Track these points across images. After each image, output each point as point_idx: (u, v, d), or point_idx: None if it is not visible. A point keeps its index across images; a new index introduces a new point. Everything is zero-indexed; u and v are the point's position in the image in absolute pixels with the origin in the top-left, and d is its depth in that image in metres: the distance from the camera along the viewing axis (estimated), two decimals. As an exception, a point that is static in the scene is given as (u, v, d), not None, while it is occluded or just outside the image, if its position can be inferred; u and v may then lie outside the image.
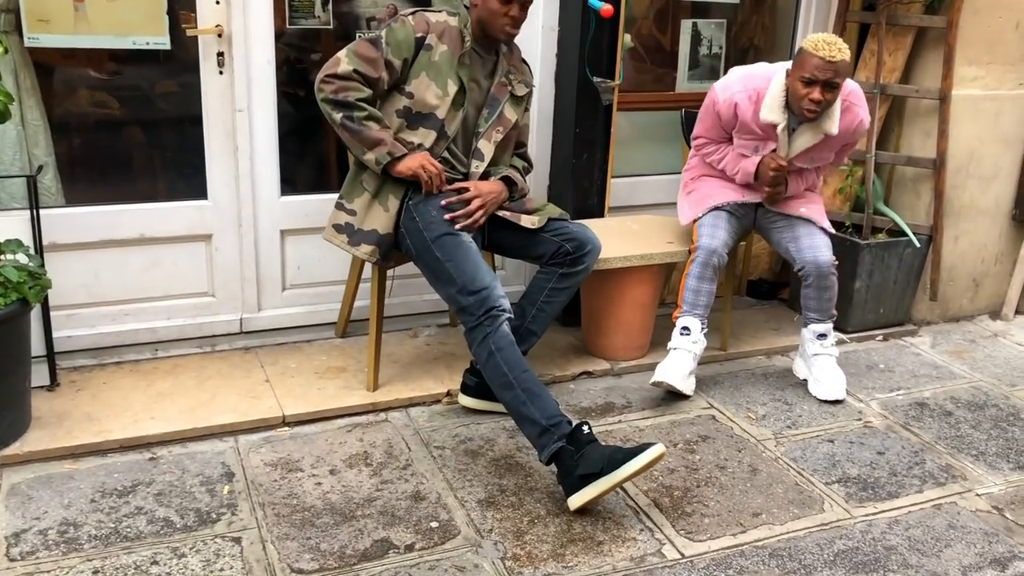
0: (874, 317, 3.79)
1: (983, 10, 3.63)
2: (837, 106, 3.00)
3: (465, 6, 2.85)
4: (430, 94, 2.76)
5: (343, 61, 2.70)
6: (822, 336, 3.25)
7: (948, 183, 3.75)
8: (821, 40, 2.85)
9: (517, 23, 2.77)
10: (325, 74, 2.71)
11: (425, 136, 2.79)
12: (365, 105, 2.71)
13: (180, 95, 3.14)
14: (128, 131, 3.34)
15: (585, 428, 2.47)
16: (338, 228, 2.86)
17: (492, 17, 2.74)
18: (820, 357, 3.25)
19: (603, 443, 2.50)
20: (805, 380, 3.30)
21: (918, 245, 3.72)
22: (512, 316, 2.66)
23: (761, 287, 4.10)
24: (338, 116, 2.70)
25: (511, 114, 2.92)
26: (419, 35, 2.74)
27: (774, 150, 3.10)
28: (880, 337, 3.80)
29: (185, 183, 3.22)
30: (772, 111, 3.01)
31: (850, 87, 3.06)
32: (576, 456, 2.42)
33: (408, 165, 2.74)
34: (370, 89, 2.73)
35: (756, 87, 3.03)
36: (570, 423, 2.49)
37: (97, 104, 3.22)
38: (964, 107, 3.71)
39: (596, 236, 2.96)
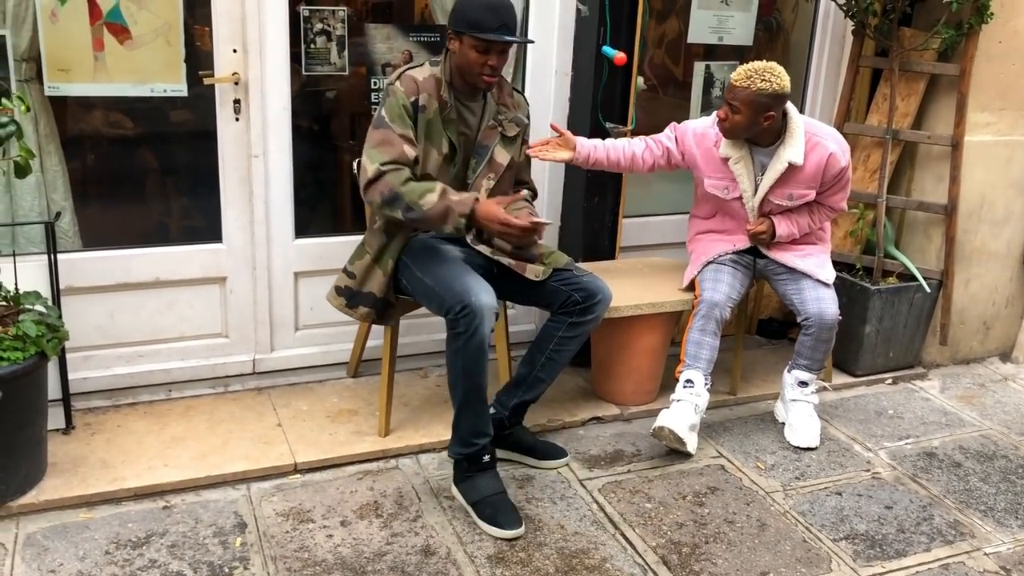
0: (883, 361, 3.79)
1: (996, 57, 3.64)
2: (800, 137, 3.04)
3: (445, 50, 2.80)
4: (431, 157, 2.76)
5: (368, 166, 2.68)
6: (803, 383, 3.27)
7: (960, 227, 3.76)
8: (745, 67, 2.95)
9: (495, 71, 2.72)
10: (363, 186, 2.70)
11: None
12: (409, 186, 2.65)
13: (197, 141, 3.17)
14: (144, 176, 3.39)
15: (486, 457, 2.71)
16: (338, 290, 2.93)
17: (470, 67, 2.70)
18: (798, 403, 3.28)
19: (499, 475, 2.75)
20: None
21: (928, 290, 3.72)
22: (495, 321, 2.65)
23: (771, 326, 4.11)
24: (398, 214, 2.67)
25: (502, 157, 2.88)
26: (412, 99, 2.70)
27: (738, 198, 3.16)
28: (889, 381, 3.81)
29: (200, 227, 3.25)
30: (727, 146, 3.10)
31: (815, 127, 3.11)
32: (466, 472, 2.73)
33: (487, 227, 2.71)
34: (407, 167, 2.69)
35: (704, 129, 3.16)
36: (483, 448, 2.71)
37: (114, 149, 3.26)
38: (976, 153, 3.72)
39: (606, 285, 2.96)
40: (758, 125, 2.97)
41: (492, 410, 2.98)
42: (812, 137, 3.06)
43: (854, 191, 3.78)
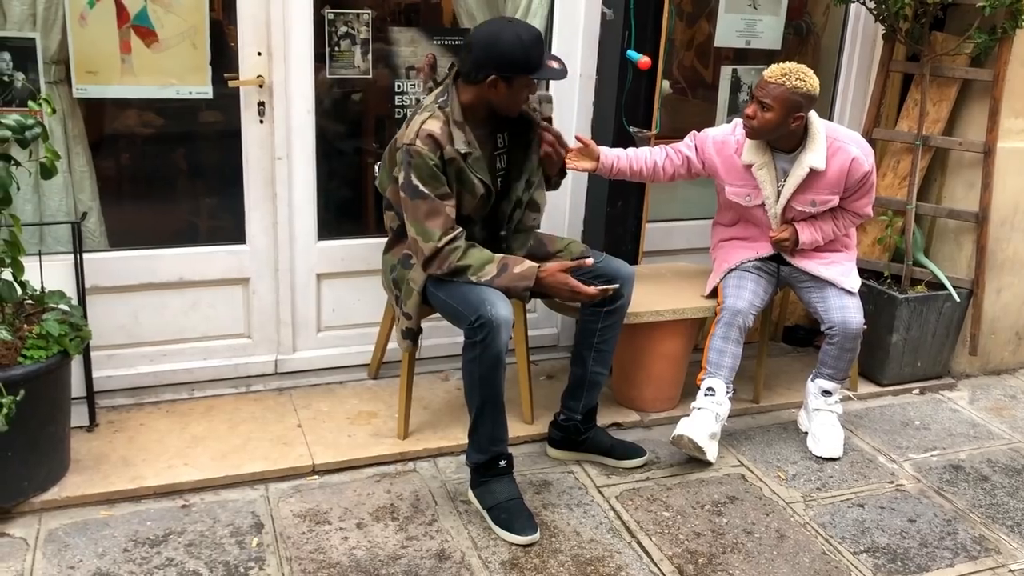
0: (911, 370, 3.73)
1: (1031, 63, 3.57)
2: (822, 142, 3.00)
3: (446, 86, 2.71)
4: (466, 203, 2.73)
5: (423, 244, 2.64)
6: (827, 393, 3.23)
7: (991, 236, 3.68)
8: (779, 65, 2.92)
9: (528, 98, 2.73)
10: (421, 263, 2.70)
11: (477, 236, 2.80)
12: (470, 260, 2.65)
13: (221, 143, 3.21)
14: (170, 177, 3.42)
15: (502, 463, 2.71)
16: (404, 334, 2.86)
17: (516, 103, 2.67)
18: (821, 413, 3.24)
19: (515, 481, 2.75)
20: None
21: (958, 299, 3.66)
22: (511, 331, 2.64)
23: (797, 333, 4.06)
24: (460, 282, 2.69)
25: (533, 158, 2.86)
26: (438, 154, 2.61)
27: (760, 205, 3.13)
28: (917, 391, 3.75)
29: (224, 228, 3.28)
30: (749, 152, 3.06)
31: (837, 131, 3.06)
32: (482, 477, 2.74)
33: (554, 294, 2.75)
34: (459, 236, 2.67)
35: (724, 137, 3.12)
36: (499, 454, 2.72)
37: (141, 150, 3.30)
38: (1009, 160, 3.64)
39: (623, 263, 2.97)
40: (786, 126, 2.93)
41: (563, 417, 3.02)
42: (834, 142, 3.02)
43: (883, 198, 3.73)
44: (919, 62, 3.64)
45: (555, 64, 2.65)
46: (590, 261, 2.80)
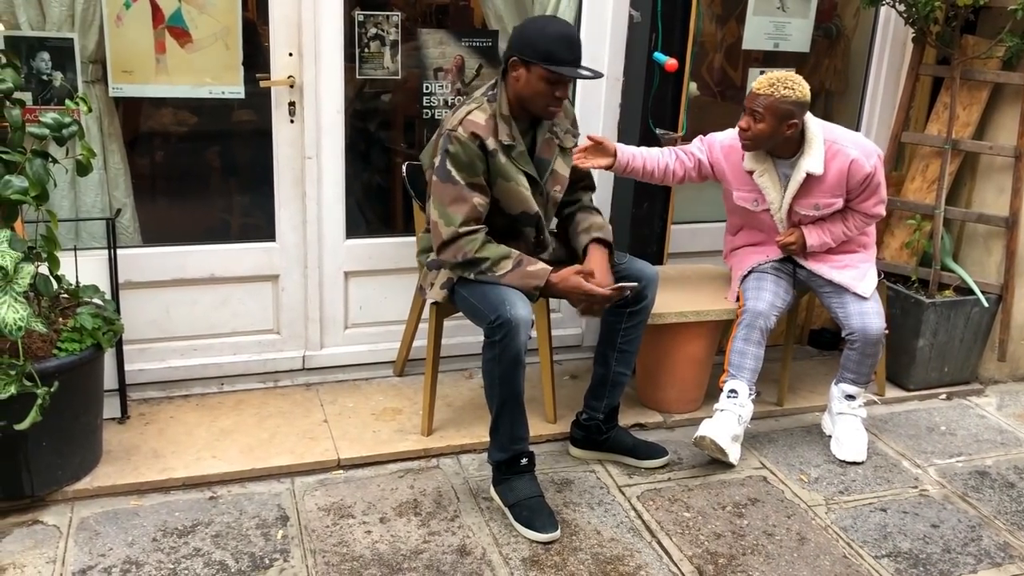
0: (938, 375, 3.71)
1: (1064, 66, 3.54)
2: (819, 146, 2.99)
3: (496, 81, 2.75)
4: (513, 195, 2.74)
5: (443, 228, 2.67)
6: (850, 397, 3.22)
7: (1021, 241, 3.65)
8: (766, 75, 2.94)
9: (561, 102, 2.70)
10: (437, 247, 2.72)
11: (528, 235, 2.82)
12: (486, 253, 2.67)
13: (252, 142, 3.26)
14: (202, 175, 3.49)
15: (523, 461, 2.73)
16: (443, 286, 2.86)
17: (537, 97, 2.65)
18: (845, 417, 3.23)
19: (537, 479, 2.78)
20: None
21: (986, 304, 3.63)
22: (531, 331, 2.66)
23: (823, 337, 4.04)
24: (469, 274, 2.71)
25: (563, 168, 2.88)
26: (478, 143, 2.64)
27: (767, 210, 3.14)
28: (944, 396, 3.72)
29: (255, 225, 3.34)
30: (750, 160, 3.07)
31: (836, 133, 3.05)
32: (504, 474, 2.76)
33: (567, 297, 2.76)
34: (482, 224, 2.70)
35: (731, 142, 3.13)
36: (521, 452, 2.75)
37: (174, 149, 3.36)
38: (1040, 164, 3.61)
39: (646, 263, 2.98)
40: (780, 134, 2.94)
41: (585, 416, 3.04)
42: (832, 145, 3.01)
43: (911, 202, 3.72)
44: (949, 65, 3.61)
45: (583, 70, 2.63)
46: (632, 285, 2.78)
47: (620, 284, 2.76)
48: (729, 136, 3.17)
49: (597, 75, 2.67)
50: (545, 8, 3.44)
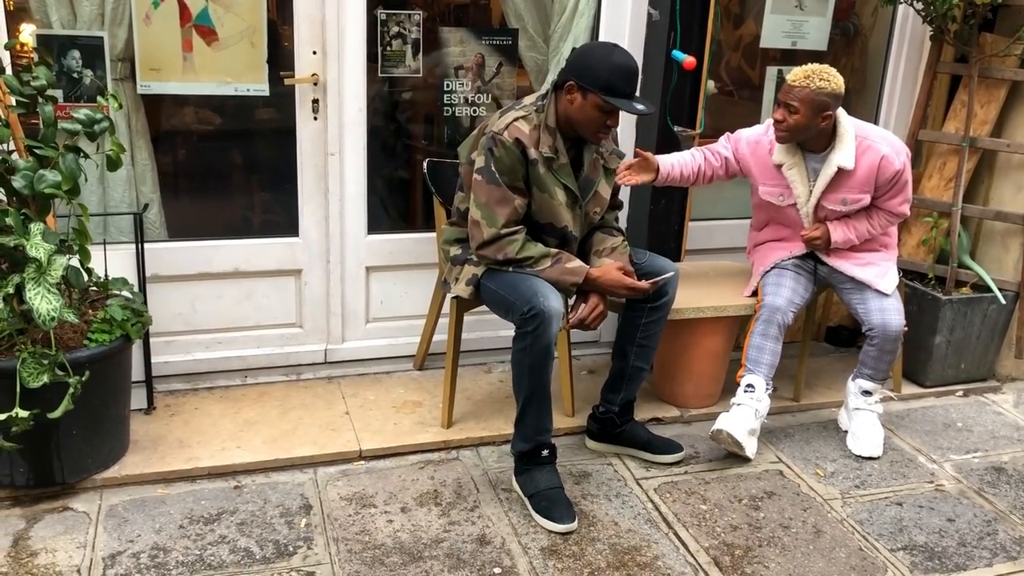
0: (954, 372, 3.72)
1: (1082, 64, 3.54)
2: (850, 141, 3.01)
3: (547, 92, 2.76)
4: (545, 207, 2.77)
5: (485, 228, 2.71)
6: (867, 393, 3.24)
7: (1039, 238, 3.66)
8: (802, 68, 2.95)
9: (610, 131, 2.74)
10: (476, 246, 2.76)
11: (550, 245, 2.82)
12: (528, 252, 2.72)
13: (277, 138, 3.32)
14: (227, 171, 3.55)
15: (545, 452, 2.78)
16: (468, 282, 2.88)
17: (588, 123, 2.67)
18: (861, 412, 3.25)
19: (557, 471, 2.81)
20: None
21: (1003, 302, 3.64)
22: (560, 323, 2.70)
23: (841, 334, 4.06)
24: (508, 269, 2.76)
25: (605, 190, 2.89)
26: (520, 150, 2.68)
27: (793, 205, 3.16)
28: (960, 393, 3.74)
29: (278, 221, 3.40)
30: (780, 153, 3.09)
31: (867, 130, 3.06)
32: (525, 465, 2.80)
33: (609, 292, 2.81)
34: (521, 225, 2.75)
35: (758, 137, 3.16)
36: (544, 443, 2.79)
37: (200, 145, 3.42)
38: (1059, 162, 3.62)
39: (668, 261, 3.01)
40: (815, 126, 2.96)
41: (601, 408, 3.08)
42: (863, 141, 3.03)
43: (928, 199, 3.73)
44: (967, 63, 3.63)
45: (638, 104, 2.65)
46: (668, 275, 2.88)
47: (656, 278, 2.82)
48: (755, 132, 3.20)
49: (650, 110, 2.69)
50: (564, 8, 3.48)
